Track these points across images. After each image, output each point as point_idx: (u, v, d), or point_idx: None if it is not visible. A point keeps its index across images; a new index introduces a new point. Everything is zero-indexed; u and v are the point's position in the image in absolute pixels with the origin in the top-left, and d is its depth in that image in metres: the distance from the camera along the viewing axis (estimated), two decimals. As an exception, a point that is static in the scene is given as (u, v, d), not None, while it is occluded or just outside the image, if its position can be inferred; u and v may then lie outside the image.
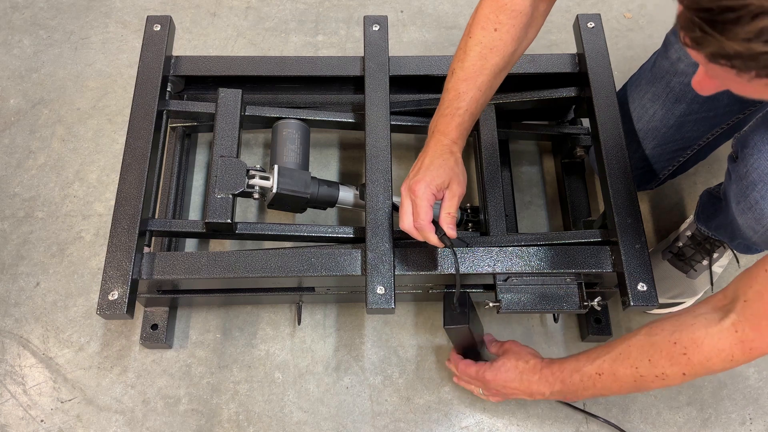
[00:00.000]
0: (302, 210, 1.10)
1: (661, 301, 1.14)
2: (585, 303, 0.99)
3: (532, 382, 0.94)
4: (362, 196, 1.08)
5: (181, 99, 1.18)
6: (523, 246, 1.00)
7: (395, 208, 1.00)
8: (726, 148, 1.35)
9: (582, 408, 1.09)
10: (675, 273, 1.16)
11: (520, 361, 0.96)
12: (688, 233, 1.16)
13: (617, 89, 1.13)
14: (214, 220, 0.99)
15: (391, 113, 1.11)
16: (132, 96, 1.08)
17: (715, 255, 1.15)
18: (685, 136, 1.09)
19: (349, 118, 1.17)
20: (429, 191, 0.86)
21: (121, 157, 1.03)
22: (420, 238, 0.88)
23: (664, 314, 1.18)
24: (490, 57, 0.89)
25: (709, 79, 0.62)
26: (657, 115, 1.08)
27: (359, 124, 1.16)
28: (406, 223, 0.87)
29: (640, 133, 1.11)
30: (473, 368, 1.00)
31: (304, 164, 1.12)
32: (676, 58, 1.04)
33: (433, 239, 0.87)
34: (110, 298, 0.92)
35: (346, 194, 1.10)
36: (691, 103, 1.05)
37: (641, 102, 1.10)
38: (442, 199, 0.89)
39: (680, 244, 1.16)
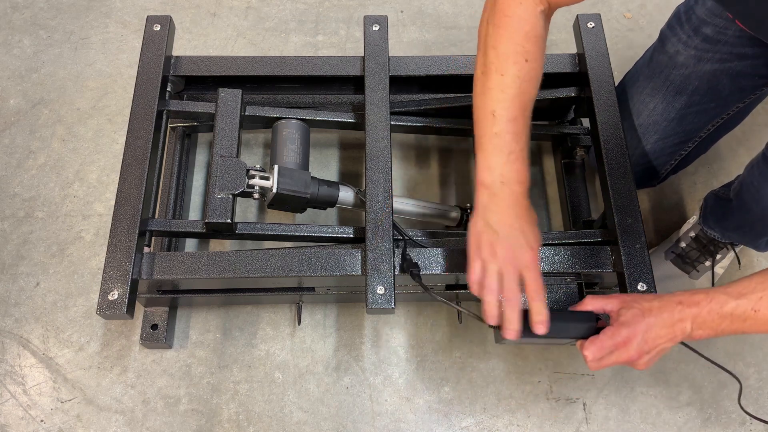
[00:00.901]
0: (302, 210, 1.10)
1: (663, 300, 1.14)
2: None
3: (674, 320, 0.79)
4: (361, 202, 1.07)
5: (181, 99, 1.18)
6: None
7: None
8: (727, 146, 1.35)
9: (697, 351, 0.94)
10: (677, 273, 1.16)
11: (650, 302, 0.81)
12: (692, 234, 1.16)
13: (615, 88, 1.13)
14: (214, 220, 0.99)
15: (391, 113, 1.11)
16: (132, 96, 1.08)
17: (718, 256, 1.15)
18: (686, 128, 1.09)
19: (349, 118, 1.17)
20: (538, 255, 0.82)
21: (121, 157, 1.03)
22: (494, 311, 0.80)
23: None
24: (528, 90, 0.84)
25: None
26: (657, 108, 1.08)
27: (359, 124, 1.16)
28: (518, 298, 0.80)
29: (641, 128, 1.11)
30: (606, 339, 0.80)
31: (304, 164, 1.12)
32: (674, 51, 1.05)
33: (545, 311, 0.80)
34: (110, 298, 0.92)
35: (346, 194, 1.10)
36: (692, 94, 1.05)
37: (640, 97, 1.11)
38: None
39: (683, 245, 1.16)
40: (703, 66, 1.03)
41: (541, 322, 0.80)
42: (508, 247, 0.80)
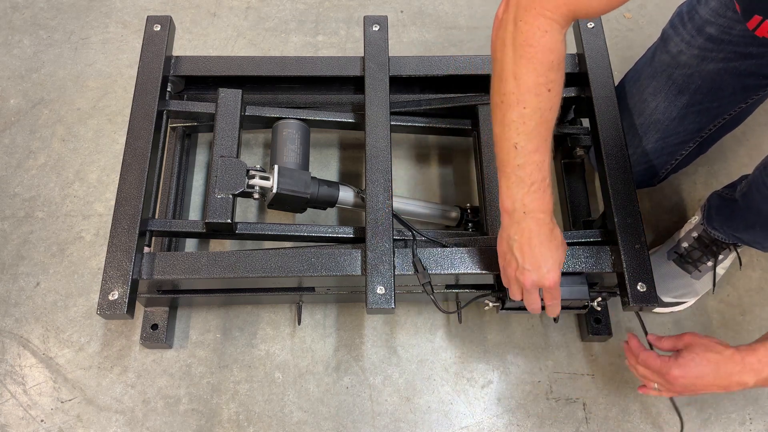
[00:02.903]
0: (302, 210, 1.10)
1: (666, 300, 1.15)
2: (585, 303, 0.99)
3: (732, 374, 0.84)
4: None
5: (181, 99, 1.18)
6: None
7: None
8: (727, 146, 1.35)
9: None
10: (680, 273, 1.16)
11: (713, 353, 0.85)
12: (694, 234, 1.16)
13: (615, 88, 1.13)
14: (214, 220, 0.99)
15: (391, 113, 1.11)
16: (132, 96, 1.08)
17: (720, 257, 1.15)
18: (688, 127, 1.09)
19: (349, 118, 1.17)
20: (559, 274, 0.87)
21: (121, 157, 1.03)
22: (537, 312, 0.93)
23: (666, 313, 1.18)
24: (550, 117, 0.84)
25: None
26: (659, 108, 1.08)
27: (359, 124, 1.16)
28: (537, 309, 0.91)
29: (642, 127, 1.11)
30: (657, 362, 0.90)
31: (304, 164, 1.12)
32: (677, 51, 1.05)
33: (558, 311, 0.93)
34: (110, 298, 0.92)
35: (346, 194, 1.10)
36: (695, 93, 1.05)
37: (641, 96, 1.10)
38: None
39: (685, 245, 1.16)
40: (707, 65, 1.03)
41: (554, 315, 0.94)
42: (528, 275, 0.85)
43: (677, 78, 1.06)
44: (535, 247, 0.84)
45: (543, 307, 0.92)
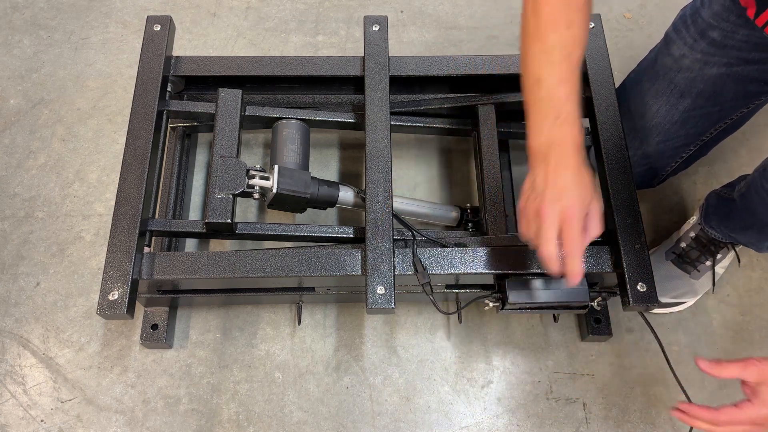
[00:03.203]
0: (302, 210, 1.10)
1: (664, 300, 1.15)
2: (585, 303, 0.99)
3: None
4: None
5: (181, 99, 1.18)
6: (523, 246, 1.00)
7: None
8: (728, 147, 1.35)
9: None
10: (678, 273, 1.16)
11: None
12: (692, 234, 1.16)
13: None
14: (214, 220, 0.99)
15: (391, 113, 1.11)
16: (132, 96, 1.08)
17: (719, 256, 1.15)
18: (689, 131, 1.09)
19: (349, 118, 1.17)
20: (583, 213, 0.79)
21: (121, 157, 1.03)
22: (555, 270, 0.80)
23: (666, 313, 1.18)
24: (573, 52, 0.82)
25: None
26: (661, 111, 1.08)
27: (359, 124, 1.16)
28: (551, 250, 0.79)
29: (643, 130, 1.11)
30: (741, 415, 0.78)
31: (304, 164, 1.12)
32: (680, 54, 1.05)
33: (579, 267, 0.79)
34: (110, 298, 0.92)
35: (346, 194, 1.10)
36: (697, 97, 1.05)
37: (643, 99, 1.10)
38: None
39: (684, 245, 1.16)
40: (709, 70, 1.03)
41: (574, 277, 0.80)
42: (549, 203, 0.78)
43: (679, 82, 1.05)
44: (560, 176, 0.78)
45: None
